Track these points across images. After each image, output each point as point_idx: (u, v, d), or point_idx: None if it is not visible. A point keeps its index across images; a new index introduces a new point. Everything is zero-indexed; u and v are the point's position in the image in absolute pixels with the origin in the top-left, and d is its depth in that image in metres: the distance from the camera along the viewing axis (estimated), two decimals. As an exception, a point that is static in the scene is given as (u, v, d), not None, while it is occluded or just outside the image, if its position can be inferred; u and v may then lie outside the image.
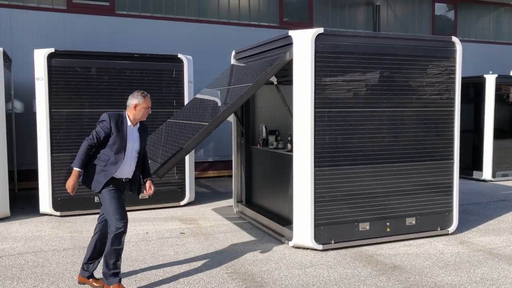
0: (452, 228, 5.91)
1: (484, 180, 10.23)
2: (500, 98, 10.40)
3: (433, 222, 5.81)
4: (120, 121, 4.04)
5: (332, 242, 5.32)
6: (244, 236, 5.93)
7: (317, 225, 5.25)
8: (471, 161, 10.57)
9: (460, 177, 10.19)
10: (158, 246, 5.50)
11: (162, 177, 4.49)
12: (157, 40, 10.40)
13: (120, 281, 3.98)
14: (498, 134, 10.33)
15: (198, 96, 6.47)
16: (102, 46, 9.79)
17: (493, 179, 10.20)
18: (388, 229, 5.58)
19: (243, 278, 4.48)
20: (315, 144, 5.22)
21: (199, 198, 8.30)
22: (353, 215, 5.41)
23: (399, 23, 13.44)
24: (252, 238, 5.83)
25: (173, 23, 10.63)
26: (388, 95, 5.52)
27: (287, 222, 5.80)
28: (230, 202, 7.99)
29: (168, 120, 6.40)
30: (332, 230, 5.32)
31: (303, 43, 5.16)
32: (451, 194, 5.90)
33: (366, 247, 5.40)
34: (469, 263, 4.87)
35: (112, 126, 3.98)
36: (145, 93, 4.12)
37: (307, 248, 5.32)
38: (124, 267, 4.74)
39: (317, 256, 5.10)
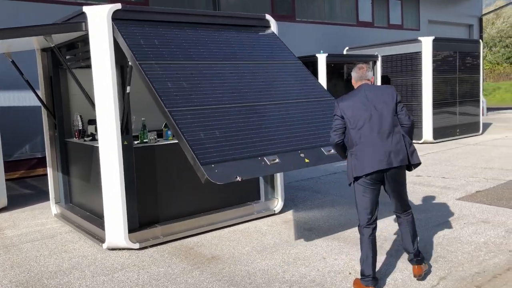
0: (278, 208, 5.90)
1: (322, 155, 10.70)
2: (331, 75, 10.95)
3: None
4: None
5: (150, 239, 4.90)
6: (56, 243, 5.20)
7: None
8: (310, 137, 10.99)
9: (301, 154, 10.50)
10: None
11: None
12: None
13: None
14: (333, 110, 10.86)
15: None
16: None
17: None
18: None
19: (33, 296, 3.83)
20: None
21: (16, 202, 7.22)
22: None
23: (240, 4, 13.39)
24: (65, 245, 5.13)
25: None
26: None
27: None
28: (53, 203, 7.09)
29: None
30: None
31: (98, 20, 4.55)
32: (276, 176, 5.88)
33: (189, 239, 5.08)
34: (287, 243, 4.84)
35: None
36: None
37: (124, 249, 4.82)
38: None
39: (132, 257, 4.63)
